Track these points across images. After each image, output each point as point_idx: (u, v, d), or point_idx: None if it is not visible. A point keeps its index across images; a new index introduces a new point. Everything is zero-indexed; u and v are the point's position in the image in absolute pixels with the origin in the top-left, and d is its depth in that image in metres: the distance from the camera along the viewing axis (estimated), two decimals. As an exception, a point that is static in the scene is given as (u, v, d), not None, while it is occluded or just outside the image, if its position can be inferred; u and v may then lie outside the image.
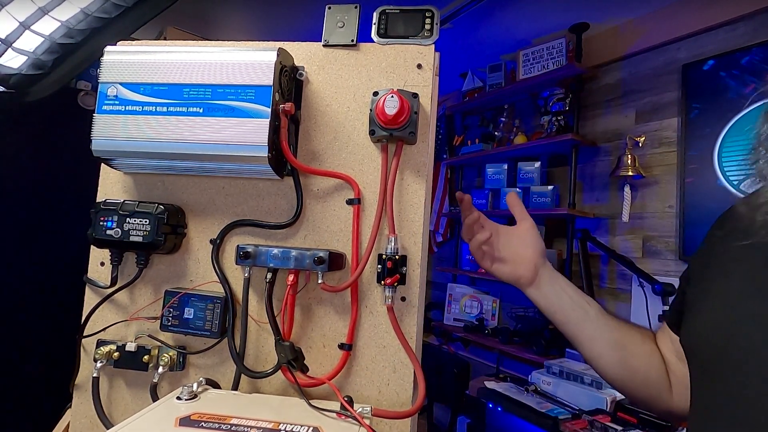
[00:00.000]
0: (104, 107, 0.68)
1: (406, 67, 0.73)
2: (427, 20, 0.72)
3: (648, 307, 1.79)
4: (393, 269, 0.67)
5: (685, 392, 0.61)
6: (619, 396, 1.58)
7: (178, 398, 0.60)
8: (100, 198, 0.78)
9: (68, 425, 0.75)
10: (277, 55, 0.66)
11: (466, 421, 2.10)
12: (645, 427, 1.43)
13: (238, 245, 0.69)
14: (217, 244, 0.73)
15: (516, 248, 0.69)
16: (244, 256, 0.68)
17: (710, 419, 0.48)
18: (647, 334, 0.67)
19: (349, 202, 0.71)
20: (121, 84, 0.67)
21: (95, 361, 0.71)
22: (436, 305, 2.95)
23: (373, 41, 0.74)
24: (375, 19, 0.74)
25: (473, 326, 2.50)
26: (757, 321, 0.45)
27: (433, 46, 0.73)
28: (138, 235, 0.70)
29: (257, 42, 0.74)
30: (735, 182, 1.67)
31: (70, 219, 0.96)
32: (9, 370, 1.23)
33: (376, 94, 0.70)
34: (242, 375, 0.70)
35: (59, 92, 1.12)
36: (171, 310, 0.71)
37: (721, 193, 1.70)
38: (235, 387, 0.70)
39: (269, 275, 0.69)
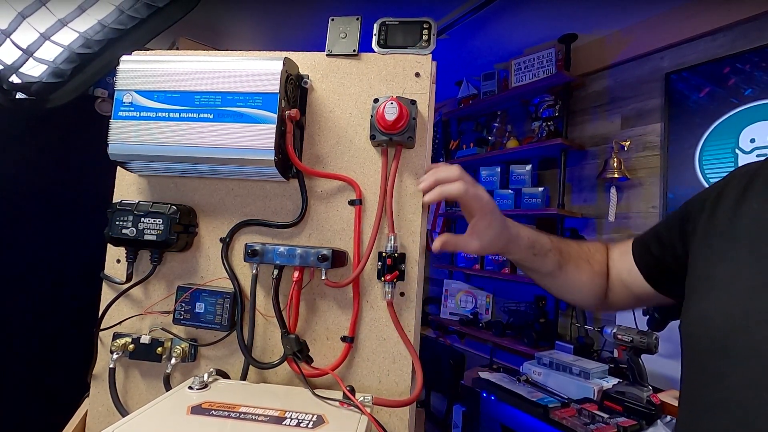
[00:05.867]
0: (120, 113, 0.67)
1: (405, 76, 0.73)
2: (425, 31, 0.72)
3: (633, 301, 1.79)
4: (392, 266, 0.67)
5: (620, 303, 0.68)
6: (606, 386, 1.58)
7: (190, 388, 0.60)
8: (116, 199, 0.78)
9: (86, 413, 0.75)
10: (283, 64, 0.65)
11: (461, 410, 2.10)
12: (630, 414, 1.42)
13: (246, 243, 0.69)
14: (227, 243, 0.73)
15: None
16: (252, 254, 0.68)
17: (705, 417, 0.42)
18: (593, 266, 0.68)
19: (351, 202, 0.71)
20: (136, 91, 0.67)
21: (111, 352, 0.71)
22: (433, 300, 2.95)
23: (373, 51, 0.74)
24: (375, 31, 0.74)
25: (468, 320, 2.50)
26: (763, 318, 0.39)
27: (430, 55, 0.73)
28: (152, 234, 0.70)
29: (264, 52, 0.74)
30: (715, 184, 1.67)
31: (88, 219, 0.96)
32: (31, 362, 1.23)
33: (376, 101, 0.70)
34: (250, 366, 0.70)
35: (77, 99, 1.12)
36: (183, 304, 0.71)
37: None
38: (244, 377, 0.70)
39: (276, 272, 0.68)
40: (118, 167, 0.77)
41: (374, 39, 0.74)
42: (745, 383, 0.38)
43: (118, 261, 0.76)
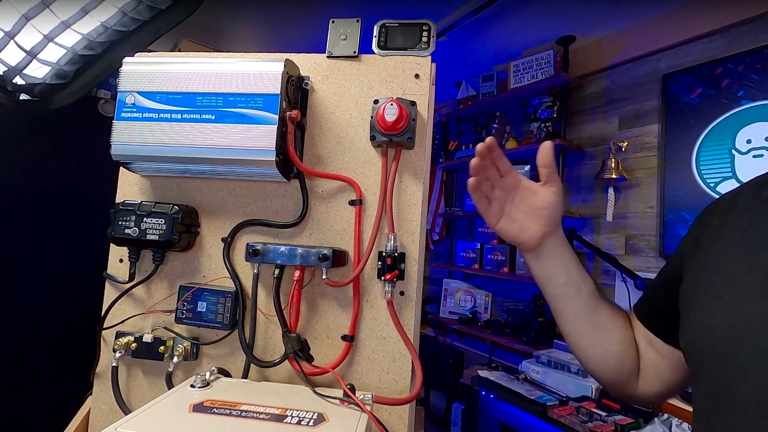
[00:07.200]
0: (123, 114, 0.67)
1: (405, 77, 0.73)
2: (424, 33, 0.72)
3: (630, 301, 1.79)
4: (392, 266, 0.67)
5: (652, 381, 0.58)
6: (604, 384, 1.58)
7: (192, 386, 0.60)
8: (118, 199, 0.78)
9: (89, 411, 0.75)
10: (284, 65, 0.65)
11: (460, 408, 2.10)
12: (628, 412, 1.43)
13: (247, 243, 0.69)
14: (228, 243, 0.73)
15: (531, 211, 0.56)
16: (253, 254, 0.68)
17: (718, 425, 0.41)
18: (627, 319, 0.61)
19: (352, 203, 0.71)
20: (138, 93, 0.67)
21: (114, 351, 0.71)
22: (432, 299, 2.95)
23: (373, 53, 0.74)
24: (375, 32, 0.74)
25: (467, 319, 2.50)
26: (765, 324, 0.38)
27: (429, 57, 0.73)
28: (154, 234, 0.70)
29: (265, 53, 0.74)
30: (711, 184, 1.67)
31: (91, 219, 0.96)
32: (35, 360, 1.23)
33: (376, 102, 0.70)
34: (251, 364, 0.70)
35: (80, 100, 1.12)
36: (185, 303, 0.71)
37: (698, 194, 1.70)
38: (245, 375, 0.70)
39: (277, 271, 0.68)
40: (121, 168, 0.77)
41: (374, 41, 0.74)
42: (756, 390, 0.37)
43: (121, 261, 0.76)
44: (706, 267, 0.47)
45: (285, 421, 0.51)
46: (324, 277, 0.67)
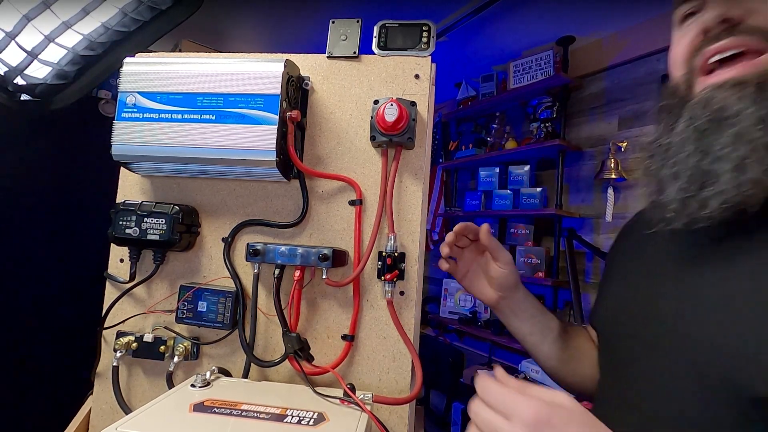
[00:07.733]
0: (123, 114, 0.67)
1: (405, 78, 0.73)
2: (424, 34, 0.72)
3: (630, 300, 1.79)
4: (392, 265, 0.67)
5: None
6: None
7: (192, 386, 0.60)
8: (119, 199, 0.78)
9: (90, 410, 0.75)
10: (284, 66, 0.66)
11: (460, 407, 2.10)
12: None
13: (248, 243, 0.69)
14: (229, 242, 0.73)
15: (487, 278, 0.69)
16: (253, 254, 0.68)
17: (604, 383, 0.55)
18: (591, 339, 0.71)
19: (352, 203, 0.71)
20: (139, 93, 0.67)
21: (115, 351, 0.71)
22: (432, 299, 2.95)
23: (373, 53, 0.74)
24: (375, 33, 0.74)
25: (467, 318, 2.50)
26: (642, 298, 0.50)
27: (429, 57, 0.73)
28: (155, 234, 0.70)
29: (266, 54, 0.74)
30: (711, 184, 1.67)
31: (92, 219, 0.96)
32: (36, 360, 1.23)
33: (376, 102, 0.70)
34: (252, 364, 0.70)
35: (81, 101, 1.12)
36: (186, 303, 0.71)
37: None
38: (246, 375, 0.70)
39: (277, 271, 0.68)
40: (122, 168, 0.77)
41: (374, 41, 0.74)
42: (624, 356, 0.51)
43: (122, 260, 0.76)
44: (608, 271, 0.65)
45: (285, 420, 0.52)
46: (324, 277, 0.67)
